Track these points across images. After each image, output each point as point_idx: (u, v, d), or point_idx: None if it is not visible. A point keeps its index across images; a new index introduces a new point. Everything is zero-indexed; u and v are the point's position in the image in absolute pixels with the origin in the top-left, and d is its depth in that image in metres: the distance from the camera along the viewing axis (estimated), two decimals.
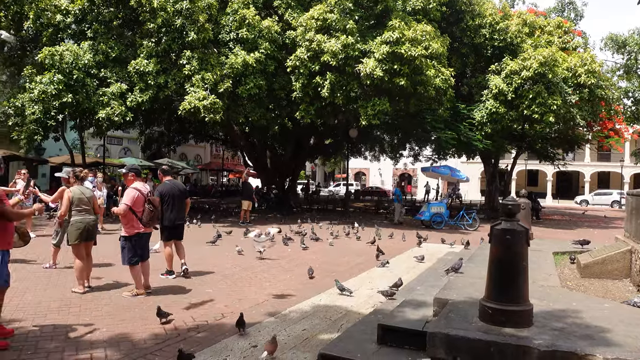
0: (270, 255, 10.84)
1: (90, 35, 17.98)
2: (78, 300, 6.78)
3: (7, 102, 19.23)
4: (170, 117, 23.22)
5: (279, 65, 18.69)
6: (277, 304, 6.76)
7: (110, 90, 16.66)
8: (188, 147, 39.91)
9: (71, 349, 4.94)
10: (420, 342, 4.80)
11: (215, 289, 7.63)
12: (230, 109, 17.74)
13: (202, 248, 11.88)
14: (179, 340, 5.21)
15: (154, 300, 6.75)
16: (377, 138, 30.21)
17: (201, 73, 16.51)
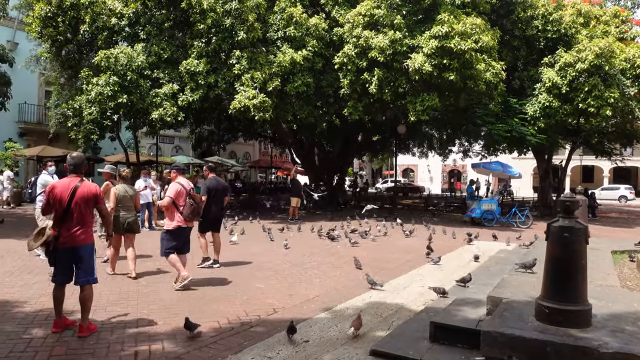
0: (319, 252, 10.93)
1: (143, 38, 18.52)
2: (135, 293, 7.04)
3: (66, 103, 20.09)
4: (220, 115, 23.65)
5: (326, 63, 18.74)
6: (327, 300, 6.81)
7: (163, 91, 17.13)
8: (237, 145, 40.50)
9: (130, 340, 5.14)
10: (473, 341, 4.74)
11: (266, 284, 7.75)
12: (279, 107, 17.94)
13: (252, 244, 12.07)
14: (233, 334, 5.34)
15: (208, 295, 6.94)
16: (425, 134, 29.86)
17: (250, 72, 16.75)
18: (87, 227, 5.35)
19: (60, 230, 5.16)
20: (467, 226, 17.26)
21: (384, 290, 7.44)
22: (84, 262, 5.30)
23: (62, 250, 5.20)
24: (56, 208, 5.18)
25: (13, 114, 24.39)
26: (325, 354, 4.79)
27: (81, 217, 5.25)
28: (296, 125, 21.72)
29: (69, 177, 5.35)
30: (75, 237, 5.21)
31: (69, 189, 5.19)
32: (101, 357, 4.66)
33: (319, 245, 12.19)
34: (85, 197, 5.27)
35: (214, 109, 21.29)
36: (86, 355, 4.68)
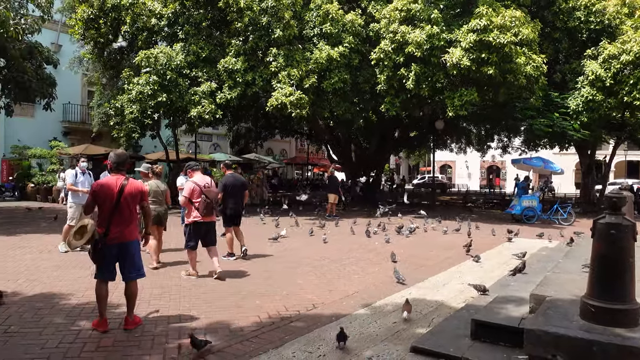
0: (357, 248, 10.94)
1: (181, 37, 18.84)
2: (177, 288, 7.19)
3: (108, 103, 20.64)
4: (257, 113, 23.86)
5: (363, 59, 18.69)
6: (366, 296, 6.80)
7: (201, 89, 17.40)
8: (274, 142, 40.80)
9: (174, 333, 5.26)
10: (515, 339, 4.67)
11: (305, 280, 7.81)
12: (316, 103, 17.98)
13: (291, 240, 12.18)
14: (274, 329, 5.40)
15: (249, 289, 7.04)
16: (463, 129, 29.46)
17: (287, 69, 16.85)
18: (134, 223, 5.49)
19: (108, 227, 5.25)
20: (507, 223, 16.97)
21: (423, 287, 7.41)
22: (132, 258, 5.44)
23: (110, 247, 5.29)
24: (105, 205, 5.27)
25: (58, 113, 25.15)
26: (365, 350, 4.80)
27: (129, 213, 5.38)
28: (333, 122, 21.77)
29: (114, 175, 5.43)
30: (124, 233, 5.33)
31: (117, 186, 5.29)
32: (146, 349, 4.78)
33: (357, 241, 12.19)
34: (133, 194, 5.40)
35: (252, 107, 21.51)
36: (132, 348, 4.81)
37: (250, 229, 13.32)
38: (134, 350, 4.76)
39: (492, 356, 4.54)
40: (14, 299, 6.41)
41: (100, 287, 5.36)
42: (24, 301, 6.36)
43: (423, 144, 33.49)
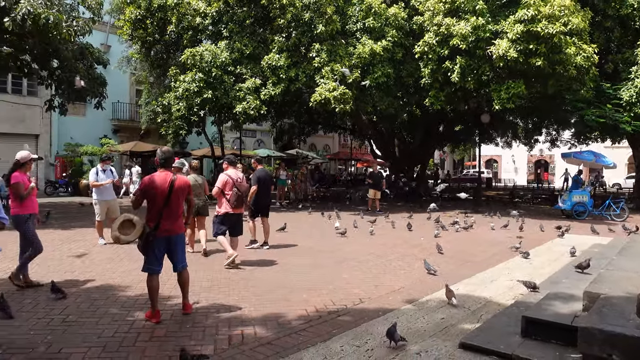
0: (402, 243, 10.88)
1: (226, 35, 19.12)
2: (226, 280, 7.34)
3: (156, 101, 21.16)
4: (301, 108, 24.00)
5: (406, 52, 18.51)
6: (413, 292, 6.77)
7: (246, 86, 17.62)
8: (317, 137, 40.95)
9: (224, 325, 5.37)
10: (568, 337, 4.58)
11: (351, 274, 7.82)
12: (359, 98, 17.94)
13: (335, 234, 12.22)
14: (322, 322, 5.44)
15: (296, 283, 7.12)
16: (510, 123, 28.80)
17: (330, 64, 16.87)
18: (181, 217, 5.76)
19: (159, 221, 5.46)
20: (556, 219, 16.53)
21: (471, 284, 7.32)
22: (180, 249, 5.73)
23: (159, 240, 5.49)
24: (155, 201, 5.47)
25: (107, 112, 25.95)
26: (413, 345, 4.79)
27: (177, 207, 5.63)
28: (376, 117, 21.64)
29: (163, 171, 5.63)
30: (173, 227, 5.58)
31: (167, 182, 5.51)
32: (198, 340, 4.91)
33: (402, 236, 12.12)
34: (181, 189, 5.64)
35: (295, 102, 21.64)
36: (184, 338, 4.94)
37: (297, 222, 13.46)
38: (186, 340, 4.89)
39: (544, 354, 4.45)
40: (71, 290, 6.68)
41: (151, 280, 5.54)
42: (80, 292, 6.63)
43: (468, 138, 32.96)
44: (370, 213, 17.26)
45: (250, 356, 4.51)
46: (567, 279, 6.99)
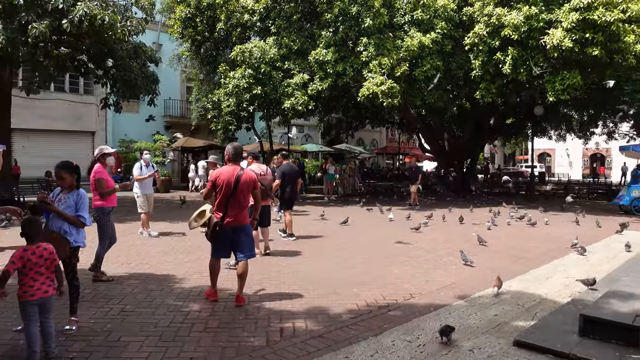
0: (453, 239, 10.74)
1: (274, 31, 19.23)
2: (277, 273, 7.45)
3: (206, 97, 21.56)
4: (348, 103, 23.94)
5: (456, 44, 18.16)
6: (465, 288, 6.67)
7: (294, 81, 17.71)
8: (364, 132, 40.77)
9: (276, 317, 5.45)
10: (629, 337, 4.44)
11: (402, 269, 7.78)
12: (407, 92, 17.74)
13: (384, 229, 12.18)
14: (372, 317, 5.44)
15: (346, 278, 7.15)
16: (564, 115, 27.84)
17: (378, 58, 16.74)
18: (246, 209, 6.04)
19: (226, 212, 5.80)
20: (614, 215, 15.92)
21: (525, 280, 7.15)
22: (245, 240, 5.95)
23: (226, 230, 5.81)
24: (223, 193, 5.82)
25: (160, 109, 26.61)
26: (465, 342, 4.72)
27: (244, 200, 5.93)
28: (425, 110, 21.36)
29: (230, 165, 5.98)
30: (239, 218, 5.88)
31: (234, 175, 5.84)
32: (250, 332, 4.99)
33: (452, 231, 11.95)
34: (247, 182, 5.92)
35: (342, 97, 21.61)
36: (237, 330, 5.04)
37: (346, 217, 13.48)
38: (239, 332, 4.98)
39: (604, 354, 4.31)
40: (129, 281, 6.94)
41: (213, 264, 6.00)
42: (137, 283, 6.86)
43: (520, 131, 32.10)
44: (412, 207, 17.08)
45: (302, 348, 4.56)
46: (627, 276, 6.74)
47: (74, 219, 4.95)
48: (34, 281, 4.17)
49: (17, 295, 4.17)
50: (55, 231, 4.85)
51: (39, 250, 4.23)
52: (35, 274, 4.18)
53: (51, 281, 4.30)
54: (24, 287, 4.16)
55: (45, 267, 4.24)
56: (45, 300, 4.23)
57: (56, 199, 5.02)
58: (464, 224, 13.34)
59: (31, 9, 13.13)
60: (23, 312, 4.18)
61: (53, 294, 4.31)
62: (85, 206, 5.05)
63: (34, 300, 4.16)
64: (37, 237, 4.35)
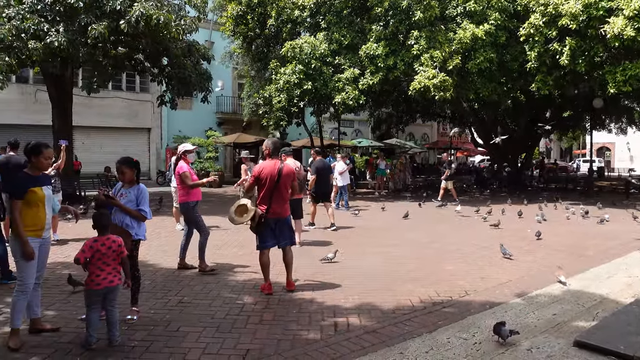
0: (508, 236, 10.49)
1: (324, 26, 19.29)
2: (329, 268, 7.48)
3: (257, 93, 21.83)
4: (399, 97, 23.73)
5: (510, 36, 17.67)
6: (522, 286, 6.50)
7: (344, 76, 17.72)
8: (415, 126, 40.34)
9: (329, 312, 5.48)
10: None
11: (456, 266, 7.67)
12: (460, 85, 17.43)
13: (437, 225, 12.07)
14: (426, 313, 5.40)
15: (400, 274, 7.13)
16: (625, 107, 26.69)
17: (429, 51, 16.52)
18: (287, 201, 6.36)
19: (270, 204, 6.07)
20: None
21: (585, 279, 6.91)
22: (287, 229, 6.28)
23: (270, 221, 6.10)
24: (266, 186, 6.07)
25: (212, 105, 27.07)
26: (524, 341, 4.61)
27: (285, 192, 6.23)
28: (478, 104, 20.92)
29: (271, 160, 6.23)
30: (282, 210, 6.20)
31: (276, 169, 6.09)
32: (304, 325, 5.05)
33: (507, 228, 11.63)
34: (288, 175, 6.19)
35: (393, 91, 21.44)
36: (291, 323, 5.11)
37: (399, 212, 13.41)
38: (293, 325, 5.05)
39: None
40: (185, 273, 7.16)
41: (263, 256, 6.19)
42: (194, 275, 7.08)
43: (577, 124, 31.01)
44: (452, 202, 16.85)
45: (357, 343, 4.56)
46: None
47: (136, 213, 5.14)
48: (101, 271, 4.41)
49: (84, 283, 4.39)
50: (118, 224, 5.05)
51: (108, 242, 4.47)
52: (102, 264, 4.42)
53: (117, 272, 4.52)
54: (91, 276, 4.41)
55: (112, 258, 4.47)
56: (110, 289, 4.44)
57: (118, 193, 5.22)
58: (522, 218, 13.09)
59: (90, 11, 13.67)
60: (87, 299, 4.44)
61: (118, 284, 4.52)
62: (145, 200, 5.23)
63: (100, 289, 4.39)
64: (107, 229, 4.59)
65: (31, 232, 4.51)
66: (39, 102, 23.15)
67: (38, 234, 4.58)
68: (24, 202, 4.48)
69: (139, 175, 5.38)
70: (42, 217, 4.61)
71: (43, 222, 4.63)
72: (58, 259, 7.79)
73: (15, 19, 12.80)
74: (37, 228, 4.57)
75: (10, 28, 12.53)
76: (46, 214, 4.66)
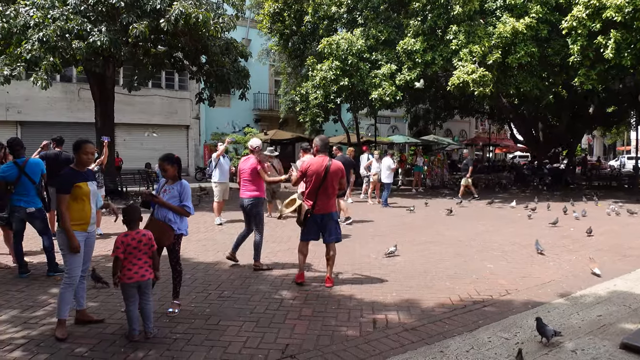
0: (549, 234, 10.25)
1: (361, 22, 19.21)
2: (368, 265, 7.47)
3: (294, 90, 21.92)
4: (436, 93, 23.46)
5: (552, 29, 17.20)
6: (565, 286, 6.34)
7: (381, 72, 17.59)
8: (453, 122, 39.79)
9: (368, 308, 5.47)
10: None
11: (496, 264, 7.53)
12: (500, 80, 17.09)
13: (475, 222, 11.90)
14: (466, 312, 5.33)
15: (437, 271, 7.06)
16: None
17: (468, 46, 16.26)
18: (334, 198, 6.44)
19: (315, 200, 6.21)
20: None
21: (630, 280, 6.69)
22: (333, 225, 6.34)
23: (315, 216, 6.24)
24: (313, 182, 6.19)
25: (250, 103, 27.45)
26: (568, 342, 4.51)
27: (332, 189, 6.27)
28: (517, 99, 20.48)
29: (320, 156, 6.33)
30: (327, 206, 6.29)
31: (323, 166, 6.18)
32: (343, 321, 5.05)
33: (548, 226, 11.37)
34: (335, 172, 6.25)
35: (430, 87, 21.19)
36: (330, 319, 5.11)
37: (436, 209, 13.26)
38: (332, 321, 5.06)
39: None
40: (225, 268, 7.26)
41: (302, 247, 6.40)
42: (233, 270, 7.17)
43: (622, 120, 30.03)
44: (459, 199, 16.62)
45: (396, 341, 4.54)
46: None
47: (180, 209, 5.24)
48: (132, 265, 4.51)
49: (118, 277, 4.50)
50: (160, 220, 5.16)
51: (138, 236, 4.56)
52: (133, 258, 4.51)
53: (149, 266, 4.60)
54: (123, 270, 4.50)
55: (143, 252, 4.55)
56: (143, 283, 4.54)
57: (161, 189, 5.33)
58: (567, 214, 12.87)
59: (131, 11, 13.95)
60: (124, 293, 4.54)
61: (150, 277, 4.60)
62: (188, 196, 5.32)
63: (132, 283, 4.48)
64: (137, 223, 4.66)
65: (77, 227, 4.65)
66: (82, 100, 23.82)
67: (83, 228, 4.72)
68: (70, 197, 4.62)
69: (181, 171, 5.47)
70: (87, 212, 4.75)
71: (88, 217, 4.76)
72: (102, 252, 7.99)
73: (59, 19, 13.15)
74: (82, 222, 4.71)
75: (55, 29, 12.88)
76: (91, 208, 4.80)
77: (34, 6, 13.51)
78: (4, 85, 13.52)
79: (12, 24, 13.15)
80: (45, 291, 6.06)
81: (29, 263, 7.00)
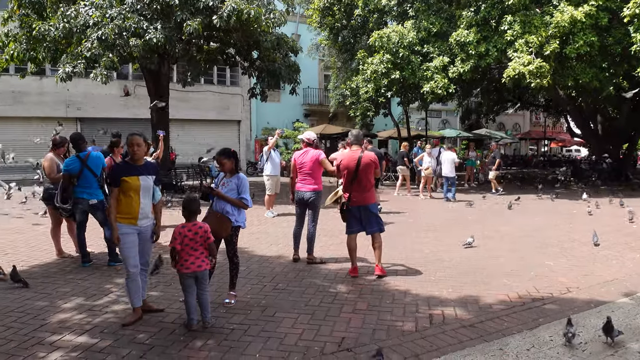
0: (610, 231, 9.86)
1: (412, 15, 18.95)
2: (422, 260, 7.41)
3: (344, 84, 21.89)
4: (489, 86, 22.91)
5: (613, 17, 16.45)
6: (629, 285, 6.07)
7: (433, 64, 17.31)
8: (506, 116, 38.77)
9: (423, 303, 5.42)
10: None
11: (556, 262, 7.29)
12: (557, 71, 16.51)
13: (533, 218, 11.62)
14: (525, 309, 5.19)
15: (495, 267, 6.92)
16: None
17: (524, 37, 15.76)
18: (371, 190, 6.51)
19: (351, 192, 6.40)
20: None
21: None
22: (372, 217, 6.47)
23: (352, 209, 6.42)
24: (347, 175, 6.35)
25: (299, 97, 27.52)
26: (633, 343, 4.33)
27: (367, 181, 6.42)
28: (575, 91, 19.73)
29: (352, 150, 6.49)
30: (363, 198, 6.40)
31: (355, 159, 6.32)
32: (399, 316, 5.02)
33: (609, 223, 10.92)
34: (367, 164, 6.35)
35: (483, 80, 20.72)
36: (385, 313, 5.09)
37: (490, 204, 12.97)
38: (387, 315, 5.04)
39: None
40: (279, 261, 7.38)
41: (350, 241, 6.52)
42: (287, 263, 7.26)
43: None
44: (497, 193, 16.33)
45: (453, 337, 4.48)
46: None
47: (238, 202, 5.34)
48: (189, 256, 4.62)
49: (176, 268, 4.62)
50: (219, 212, 5.27)
51: (194, 228, 4.67)
52: (190, 250, 4.63)
53: (205, 257, 4.70)
54: (181, 261, 4.62)
55: (200, 243, 4.65)
56: (199, 274, 4.64)
57: (220, 182, 5.44)
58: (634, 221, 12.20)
59: (185, 8, 14.23)
60: (181, 283, 4.68)
61: (206, 268, 4.71)
62: (246, 189, 5.41)
63: (189, 273, 4.60)
64: (195, 215, 4.76)
65: (125, 220, 4.78)
66: (137, 96, 24.53)
67: (132, 221, 4.81)
68: (119, 190, 4.77)
69: (238, 165, 5.56)
70: (134, 206, 4.81)
71: (136, 211, 4.81)
72: (160, 244, 8.22)
73: (117, 18, 13.56)
74: (130, 216, 4.80)
75: (113, 27, 13.29)
76: (140, 202, 4.83)
77: (92, 6, 13.98)
78: (65, 82, 14.08)
79: (72, 24, 13.66)
80: (107, 280, 6.30)
81: (90, 253, 7.27)
